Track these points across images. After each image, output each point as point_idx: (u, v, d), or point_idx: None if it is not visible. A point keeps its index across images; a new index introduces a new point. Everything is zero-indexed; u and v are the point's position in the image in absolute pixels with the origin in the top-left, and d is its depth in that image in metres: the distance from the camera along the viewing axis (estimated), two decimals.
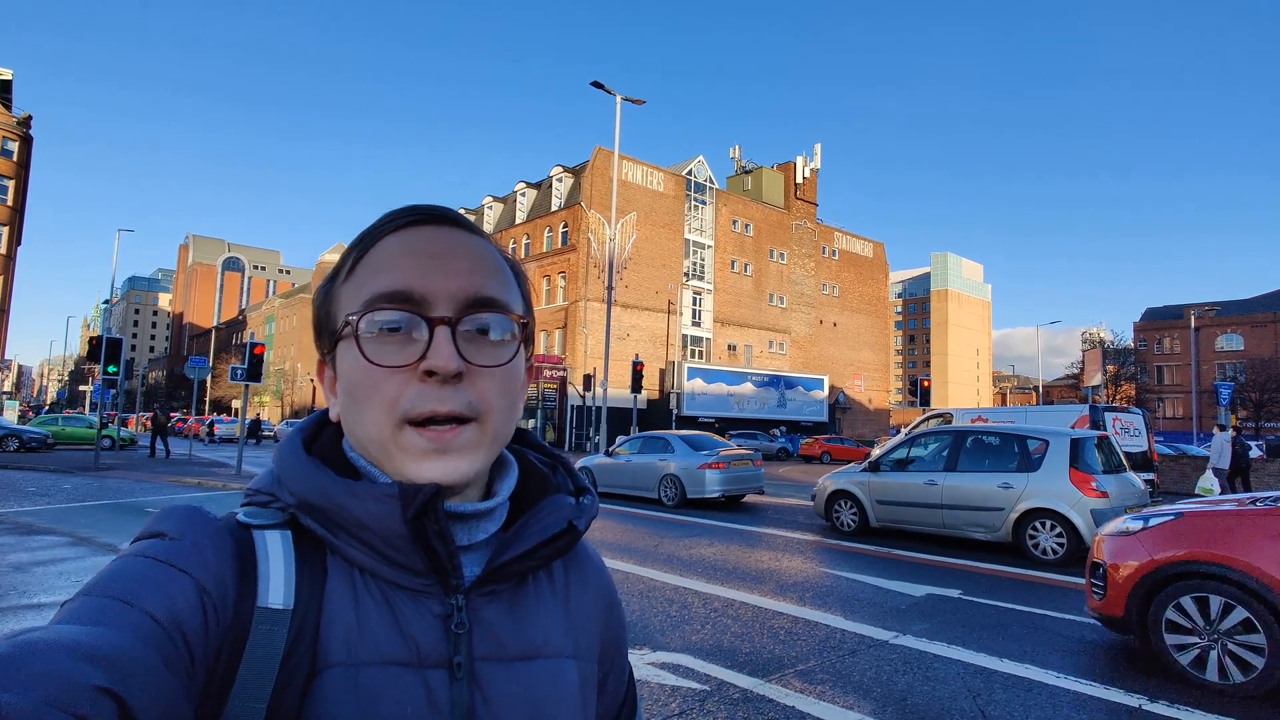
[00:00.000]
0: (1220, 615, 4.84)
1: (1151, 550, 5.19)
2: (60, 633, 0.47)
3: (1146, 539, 5.29)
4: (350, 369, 0.64)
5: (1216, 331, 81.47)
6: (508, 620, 0.68)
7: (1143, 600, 5.19)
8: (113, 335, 19.08)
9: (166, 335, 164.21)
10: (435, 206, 0.69)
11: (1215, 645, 4.84)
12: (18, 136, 48.48)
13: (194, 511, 0.62)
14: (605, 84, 22.77)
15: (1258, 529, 4.84)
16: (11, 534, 9.42)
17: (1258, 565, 4.67)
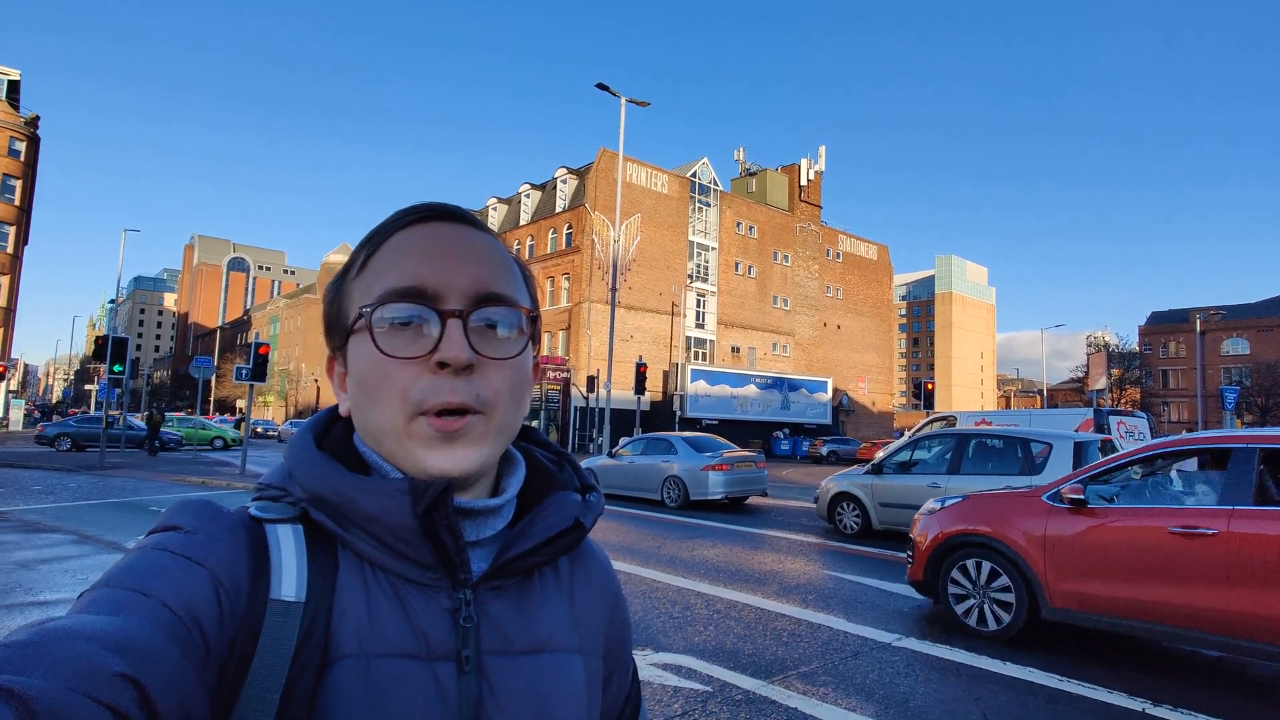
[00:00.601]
0: (986, 576, 6.01)
1: (943, 525, 6.35)
2: (81, 621, 0.48)
3: (942, 516, 6.44)
4: (363, 361, 0.65)
5: (1222, 335, 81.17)
6: (514, 615, 0.69)
7: (935, 566, 6.34)
8: (118, 335, 19.17)
9: (172, 335, 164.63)
10: (445, 204, 0.70)
11: (983, 601, 6.00)
12: (25, 136, 48.72)
13: (208, 505, 0.63)
14: (610, 86, 22.81)
15: (1015, 508, 5.97)
16: (17, 532, 9.47)
17: (1010, 536, 5.85)
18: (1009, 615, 5.78)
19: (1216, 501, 5.08)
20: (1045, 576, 5.61)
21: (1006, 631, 5.78)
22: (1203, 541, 4.88)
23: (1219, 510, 4.94)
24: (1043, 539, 5.68)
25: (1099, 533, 5.43)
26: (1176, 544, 4.99)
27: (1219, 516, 4.90)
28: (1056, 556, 5.58)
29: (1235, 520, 4.81)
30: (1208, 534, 4.87)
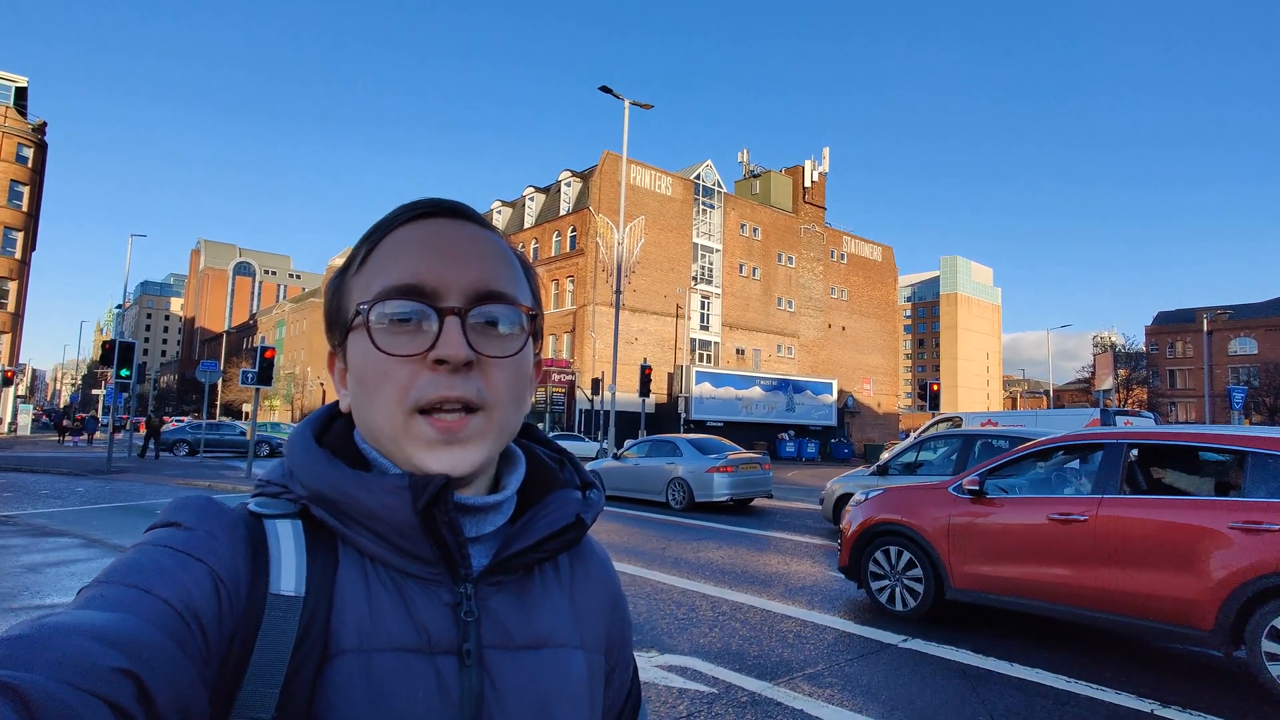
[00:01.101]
0: (899, 561, 6.51)
1: (866, 515, 6.83)
2: (79, 617, 0.48)
3: (866, 507, 6.94)
4: (361, 359, 0.65)
5: (1229, 335, 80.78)
6: (515, 610, 0.69)
7: (858, 553, 6.82)
8: (125, 340, 19.25)
9: (178, 340, 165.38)
10: (446, 200, 0.70)
11: (896, 584, 6.50)
12: (32, 143, 49.02)
13: (207, 502, 0.63)
14: (614, 89, 22.84)
15: (926, 500, 6.49)
16: (25, 536, 9.51)
17: (920, 524, 6.35)
18: (916, 598, 6.35)
19: (1090, 491, 5.62)
20: (949, 561, 6.15)
21: (915, 612, 6.30)
22: (1076, 526, 5.44)
23: (1091, 499, 5.50)
24: (947, 527, 6.21)
25: (993, 521, 5.99)
26: (1055, 529, 5.55)
27: (1090, 504, 5.46)
28: (958, 542, 6.12)
29: (1103, 507, 5.38)
30: (1080, 520, 5.43)
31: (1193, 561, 4.89)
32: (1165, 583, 4.98)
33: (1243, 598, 4.64)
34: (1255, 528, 4.69)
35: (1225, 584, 4.72)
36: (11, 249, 47.72)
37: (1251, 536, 4.69)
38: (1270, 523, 4.66)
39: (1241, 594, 4.65)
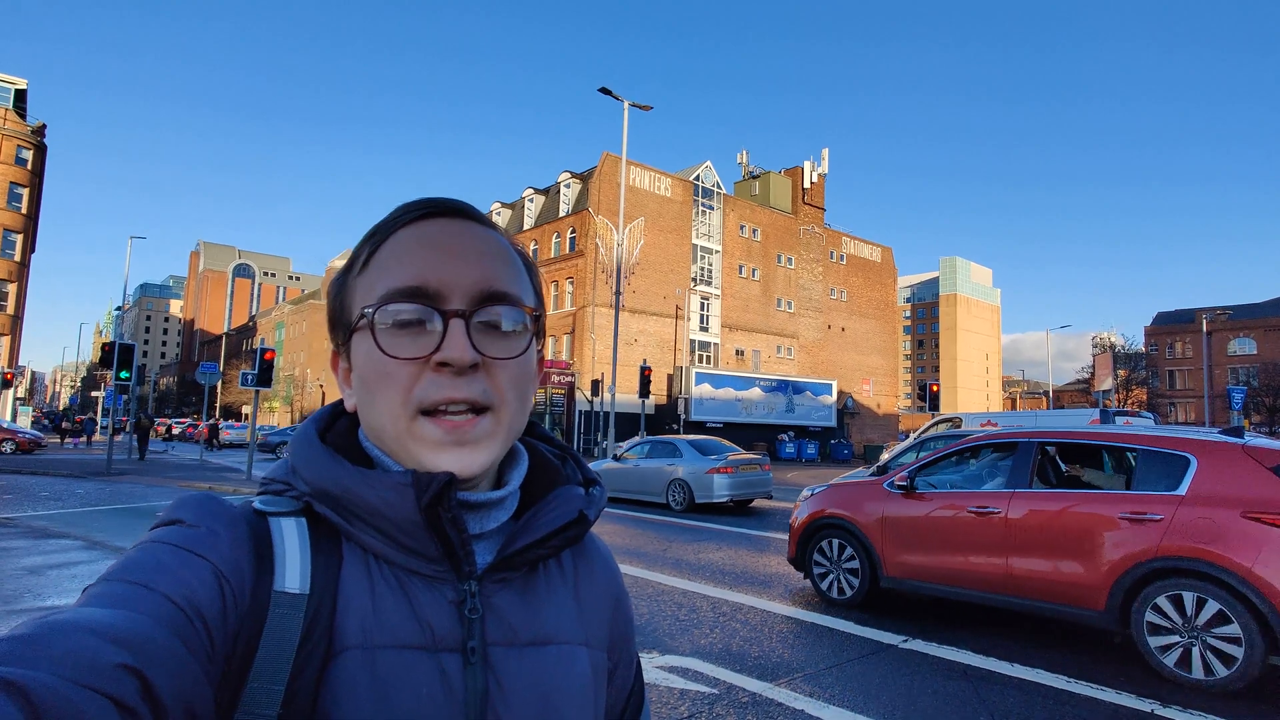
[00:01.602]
0: (839, 552, 7.00)
1: (811, 509, 7.30)
2: (83, 614, 0.48)
3: (811, 502, 7.40)
4: (366, 361, 0.65)
5: (1229, 336, 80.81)
6: (520, 607, 0.69)
7: (804, 545, 7.29)
8: (125, 342, 19.24)
9: (178, 341, 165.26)
10: (448, 199, 0.70)
11: (837, 573, 6.98)
12: (32, 145, 49.01)
13: (210, 499, 0.63)
14: (613, 90, 22.85)
15: (864, 494, 6.94)
16: (26, 538, 9.51)
17: (858, 518, 6.82)
18: (854, 587, 6.81)
19: (1005, 486, 6.07)
20: (882, 551, 6.61)
21: (854, 599, 6.79)
22: (991, 519, 5.91)
23: (1005, 493, 5.97)
24: (881, 520, 6.67)
25: (920, 513, 6.44)
26: (974, 521, 6.02)
27: (1004, 498, 5.93)
28: (890, 534, 6.58)
29: (1014, 501, 5.86)
30: (995, 513, 5.90)
31: (1089, 549, 5.38)
32: (1066, 569, 5.46)
33: (1129, 581, 5.13)
34: (1141, 517, 5.19)
35: (1115, 569, 5.21)
36: (11, 251, 47.69)
37: (1138, 525, 5.19)
38: (1153, 513, 5.16)
39: (1128, 578, 5.14)
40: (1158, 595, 5.06)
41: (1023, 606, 5.70)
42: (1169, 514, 5.11)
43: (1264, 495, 4.87)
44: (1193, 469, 5.25)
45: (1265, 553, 4.70)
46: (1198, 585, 4.92)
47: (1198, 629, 4.90)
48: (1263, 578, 4.65)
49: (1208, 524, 4.95)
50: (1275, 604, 4.59)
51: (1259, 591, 4.65)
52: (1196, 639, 4.90)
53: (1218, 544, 4.86)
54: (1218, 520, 4.93)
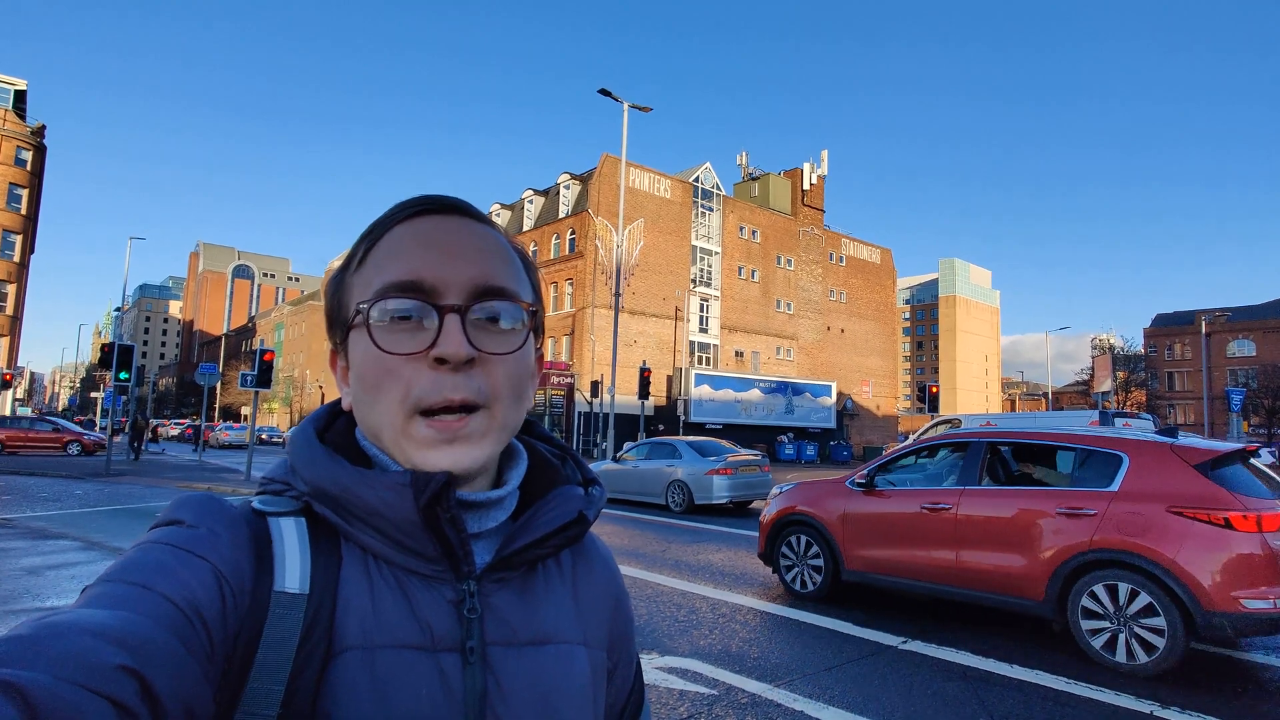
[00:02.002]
0: (804, 548, 7.29)
1: (778, 507, 7.63)
2: (82, 615, 0.48)
3: (779, 500, 7.73)
4: (362, 358, 0.65)
5: (1228, 337, 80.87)
6: (518, 607, 0.69)
7: (772, 541, 7.61)
8: (124, 342, 19.23)
9: (177, 342, 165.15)
10: (445, 196, 0.70)
11: (802, 568, 7.29)
12: (31, 146, 48.99)
13: (210, 499, 0.63)
14: (613, 91, 22.87)
15: (827, 492, 7.28)
16: (24, 538, 9.50)
17: (821, 514, 7.15)
18: (816, 581, 7.14)
19: (956, 483, 6.40)
20: (844, 546, 6.93)
21: (816, 592, 7.10)
22: (943, 514, 6.23)
23: (955, 490, 6.30)
24: (842, 516, 7.00)
25: (878, 510, 6.78)
26: (927, 517, 6.34)
27: (954, 495, 6.25)
28: (851, 530, 6.91)
29: (964, 498, 6.18)
30: (946, 509, 6.22)
31: (1029, 542, 5.70)
32: (1009, 561, 5.77)
33: (1065, 572, 5.45)
34: (1077, 512, 5.51)
35: (1052, 560, 5.53)
36: (10, 252, 47.66)
37: (1074, 520, 5.51)
38: (1088, 508, 5.48)
39: (1065, 569, 5.46)
40: (1091, 585, 5.36)
41: (971, 597, 6.00)
42: (1102, 509, 5.42)
43: (1188, 491, 5.21)
44: (1125, 467, 5.55)
45: (1187, 545, 5.03)
46: (1127, 576, 5.23)
47: (1126, 617, 5.22)
48: (1184, 568, 4.98)
49: (1137, 518, 5.27)
50: (1194, 593, 4.90)
51: (1180, 581, 4.97)
52: (1125, 626, 5.22)
53: (1145, 537, 5.18)
54: (1146, 515, 5.25)
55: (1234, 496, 5.13)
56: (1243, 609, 4.85)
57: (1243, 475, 5.45)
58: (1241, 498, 5.13)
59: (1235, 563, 4.91)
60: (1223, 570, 4.92)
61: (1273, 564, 4.91)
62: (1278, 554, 4.95)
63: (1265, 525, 4.98)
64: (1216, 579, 4.90)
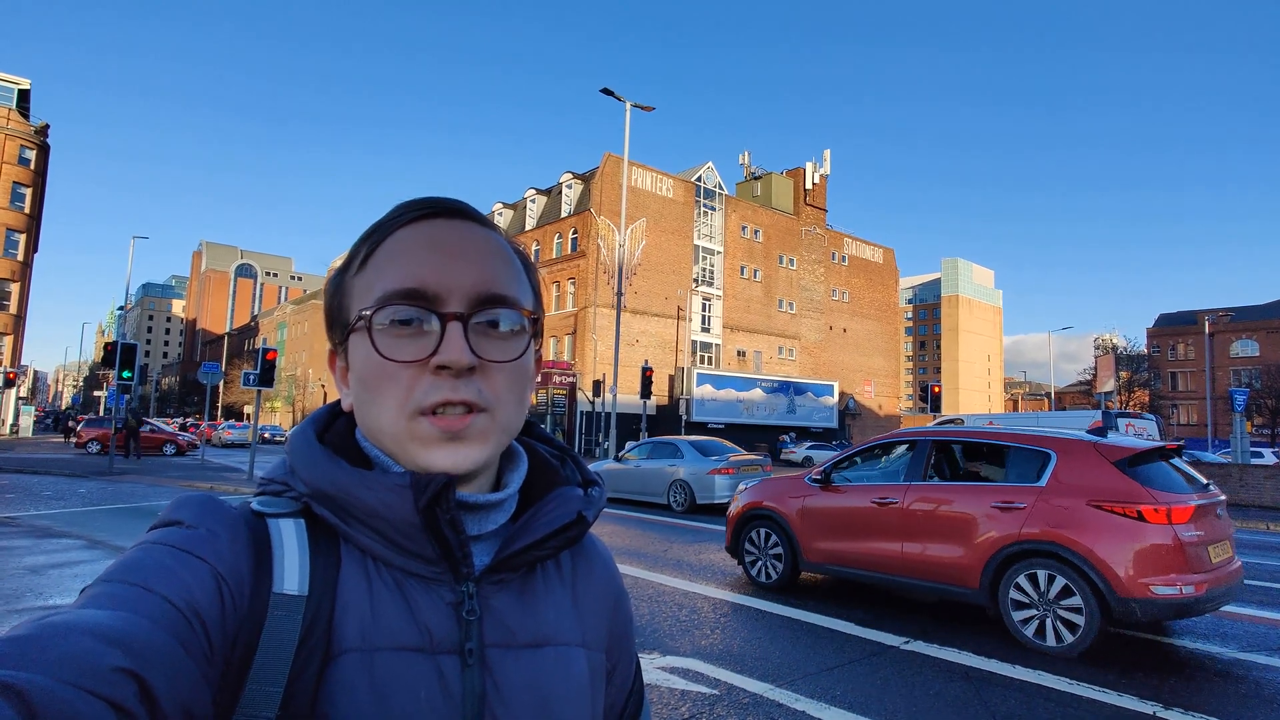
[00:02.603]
0: (766, 541, 7.68)
1: (744, 501, 8.01)
2: (81, 616, 0.48)
3: (745, 495, 8.11)
4: (363, 362, 0.65)
5: (1231, 337, 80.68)
6: (517, 609, 0.69)
7: (738, 535, 7.97)
8: (127, 341, 19.25)
9: (180, 341, 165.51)
10: (447, 199, 0.69)
11: (764, 560, 7.67)
12: (35, 145, 49.10)
13: (209, 500, 0.63)
14: (615, 91, 22.86)
15: (788, 488, 7.67)
16: (28, 537, 9.52)
17: (782, 509, 7.54)
18: (778, 571, 7.50)
19: (904, 479, 6.76)
20: (802, 539, 7.31)
21: (777, 583, 7.47)
22: (891, 508, 6.63)
23: (903, 486, 6.68)
24: (801, 510, 7.38)
25: (834, 504, 7.17)
26: (877, 511, 6.74)
27: (902, 490, 6.64)
28: (808, 523, 7.29)
29: (910, 493, 6.57)
30: (894, 503, 6.62)
31: (967, 534, 6.08)
32: (948, 552, 6.16)
33: (997, 562, 5.85)
34: (1009, 506, 5.91)
35: (986, 551, 5.92)
36: (14, 251, 47.78)
37: (1006, 513, 5.91)
38: (1018, 502, 5.87)
39: (996, 559, 5.85)
40: (1019, 574, 5.76)
41: (917, 587, 6.40)
42: (1030, 503, 5.82)
43: (1106, 486, 5.60)
44: (1052, 463, 5.93)
45: (1104, 536, 5.42)
46: (1050, 565, 5.63)
47: (1050, 603, 5.62)
48: (1101, 558, 5.37)
49: (1060, 511, 5.66)
50: (1109, 580, 5.31)
51: (1097, 569, 5.37)
52: (1049, 611, 5.61)
53: (1067, 529, 5.57)
54: (1068, 508, 5.64)
55: (1147, 491, 5.49)
56: (1152, 595, 5.24)
57: (1161, 472, 5.82)
58: (1154, 492, 5.49)
59: (1146, 552, 5.30)
60: (1135, 559, 5.30)
61: (1181, 554, 5.29)
62: (1187, 545, 5.32)
63: (1175, 518, 5.35)
64: (1129, 567, 5.29)
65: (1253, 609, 7.31)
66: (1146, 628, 6.35)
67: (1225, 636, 6.23)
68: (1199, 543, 5.42)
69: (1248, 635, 6.30)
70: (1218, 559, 5.58)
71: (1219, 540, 5.68)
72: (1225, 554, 5.74)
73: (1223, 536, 5.77)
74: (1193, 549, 5.35)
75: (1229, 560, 5.77)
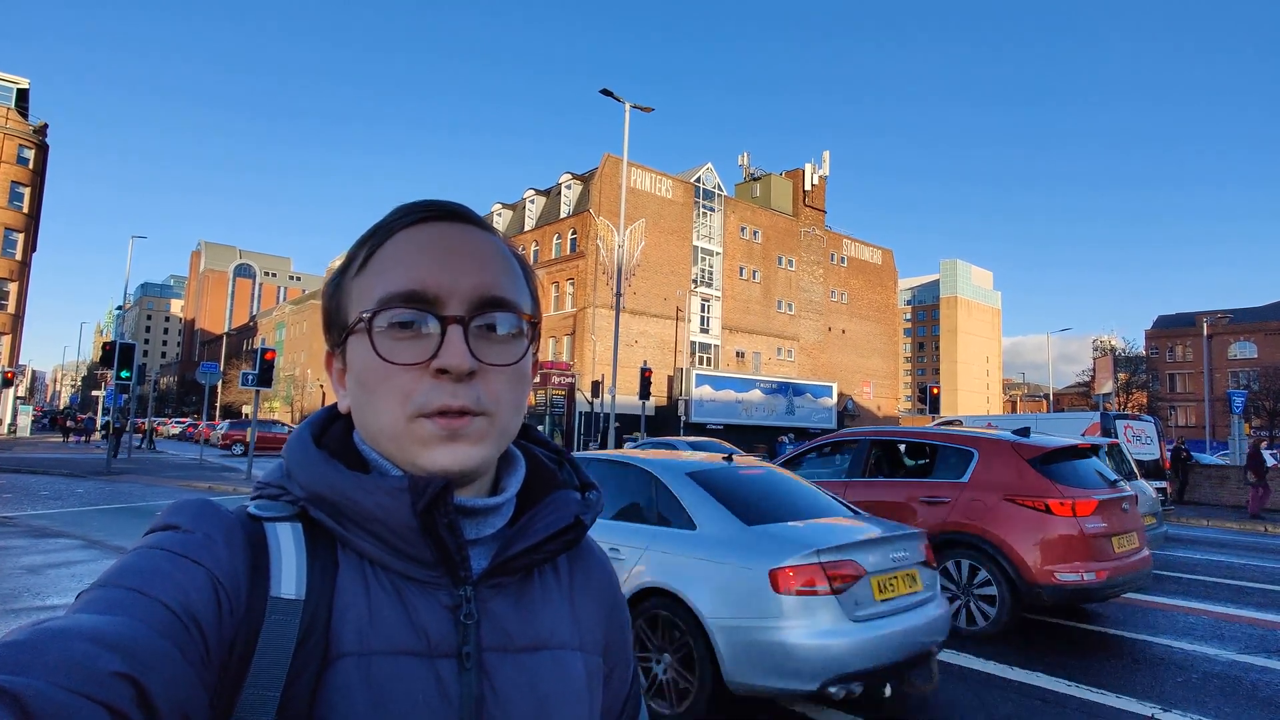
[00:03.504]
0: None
1: None
2: (78, 620, 0.48)
3: None
4: (363, 365, 0.65)
5: (1229, 339, 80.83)
6: (515, 612, 0.69)
7: None
8: (126, 341, 19.25)
9: (178, 341, 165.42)
10: (447, 202, 0.69)
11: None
12: (34, 144, 49.08)
13: (206, 504, 0.63)
14: (614, 91, 22.88)
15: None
16: (25, 537, 9.51)
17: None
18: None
19: (845, 475, 7.28)
20: None
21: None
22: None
23: (843, 481, 7.16)
24: None
25: None
26: None
27: (842, 486, 7.05)
28: None
29: (849, 488, 7.00)
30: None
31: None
32: None
33: None
34: (936, 500, 6.44)
35: None
36: (12, 250, 47.76)
37: (933, 506, 6.43)
38: (944, 496, 6.40)
39: None
40: (944, 562, 6.15)
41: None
42: (954, 497, 6.31)
43: (1020, 482, 6.07)
44: (974, 461, 6.40)
45: (1016, 527, 5.90)
46: (970, 554, 6.11)
47: (968, 589, 6.09)
48: (1013, 547, 5.85)
49: (980, 505, 6.14)
50: (1019, 568, 5.80)
51: (1009, 558, 5.85)
52: (969, 596, 6.07)
53: (984, 520, 6.05)
54: (987, 502, 6.12)
55: (1055, 486, 5.95)
56: (1057, 581, 5.71)
57: (1072, 469, 6.28)
58: (1062, 488, 5.96)
59: (1053, 542, 5.78)
60: (1042, 549, 5.78)
61: (1085, 543, 5.76)
62: (1090, 536, 5.79)
63: (1079, 511, 5.85)
64: (1037, 556, 5.78)
65: (1252, 611, 7.32)
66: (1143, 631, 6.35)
67: (1224, 639, 6.24)
68: (1102, 534, 5.88)
69: (1246, 637, 6.31)
70: (1121, 549, 6.05)
71: (1124, 532, 6.15)
72: (1130, 545, 6.21)
73: (1128, 529, 6.23)
74: (1095, 540, 5.82)
75: (1134, 550, 6.24)
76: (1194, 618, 6.97)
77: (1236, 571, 9.81)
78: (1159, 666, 5.41)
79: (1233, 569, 10.02)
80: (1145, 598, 7.69)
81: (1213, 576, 9.31)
